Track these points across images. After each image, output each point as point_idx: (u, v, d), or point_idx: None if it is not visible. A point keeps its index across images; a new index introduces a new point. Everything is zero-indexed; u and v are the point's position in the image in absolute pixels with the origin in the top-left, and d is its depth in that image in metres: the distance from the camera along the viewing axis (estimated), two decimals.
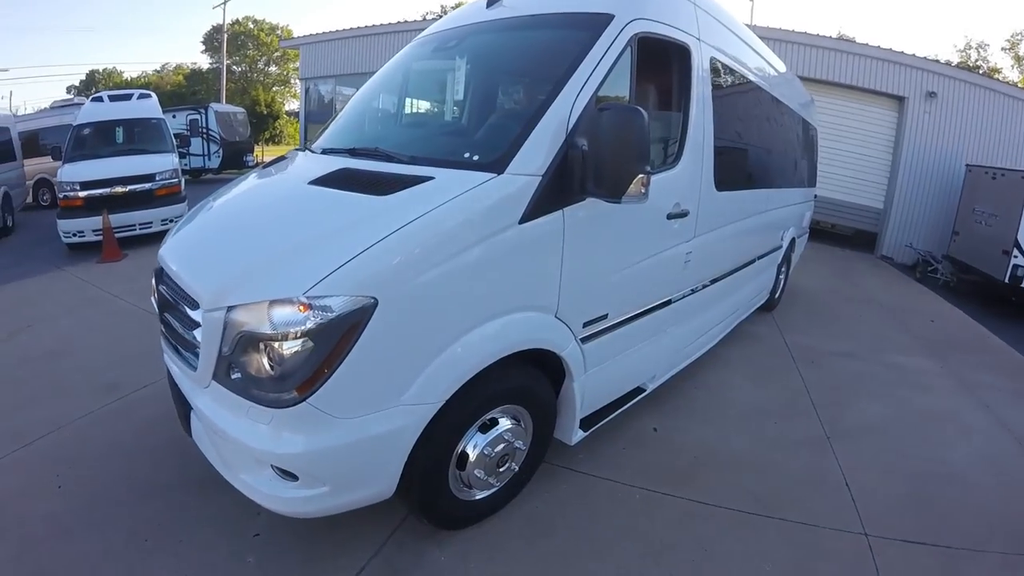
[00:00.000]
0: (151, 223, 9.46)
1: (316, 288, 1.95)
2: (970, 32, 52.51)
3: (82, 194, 9.06)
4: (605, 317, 3.03)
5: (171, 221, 9.41)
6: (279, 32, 53.61)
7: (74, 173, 9.24)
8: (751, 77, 4.67)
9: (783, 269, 7.09)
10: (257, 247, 2.34)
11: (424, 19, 21.52)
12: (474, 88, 3.77)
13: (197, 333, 2.27)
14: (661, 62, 3.32)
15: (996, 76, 28.59)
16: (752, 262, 5.34)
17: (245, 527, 2.81)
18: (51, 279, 7.72)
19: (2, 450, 3.52)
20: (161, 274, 2.73)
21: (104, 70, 61.47)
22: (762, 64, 5.10)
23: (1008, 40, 36.36)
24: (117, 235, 8.87)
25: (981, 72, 29.34)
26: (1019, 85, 26.95)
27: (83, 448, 3.54)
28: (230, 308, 2.08)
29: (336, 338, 1.97)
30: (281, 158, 3.73)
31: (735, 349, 5.64)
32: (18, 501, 3.06)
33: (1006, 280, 10.26)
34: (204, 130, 21.17)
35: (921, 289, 11.23)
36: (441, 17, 4.20)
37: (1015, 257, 10.18)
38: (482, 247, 2.29)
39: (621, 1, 2.93)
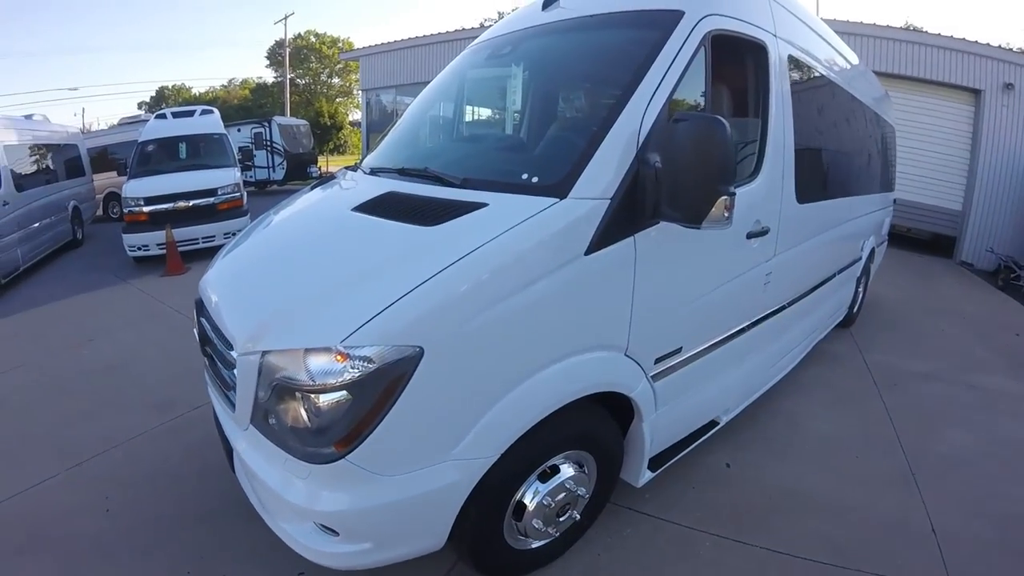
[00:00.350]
0: (214, 236, 9.64)
1: (354, 336, 1.76)
2: None
3: (146, 209, 9.36)
4: (679, 351, 2.75)
5: (234, 235, 9.47)
6: (340, 45, 55.04)
7: (138, 189, 9.55)
8: (829, 74, 4.29)
9: (862, 282, 6.60)
10: (295, 284, 2.17)
11: (482, 25, 21.62)
12: (532, 98, 3.51)
13: (235, 372, 2.13)
14: (736, 63, 3.01)
15: None
16: (831, 277, 4.94)
17: (289, 563, 2.66)
18: (116, 291, 7.96)
19: (58, 467, 3.59)
20: (201, 306, 2.61)
21: (173, 86, 64.92)
22: (838, 59, 4.67)
23: None
24: (180, 249, 9.10)
25: None
26: None
27: (134, 468, 3.56)
28: (265, 352, 1.93)
29: (378, 391, 1.77)
30: (330, 177, 3.58)
31: (812, 371, 5.24)
32: (67, 520, 3.10)
33: None
34: (268, 143, 21.77)
35: (1004, 298, 10.42)
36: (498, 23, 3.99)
37: None
38: (543, 284, 2.03)
39: None
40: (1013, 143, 12.60)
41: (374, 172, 3.15)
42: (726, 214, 2.12)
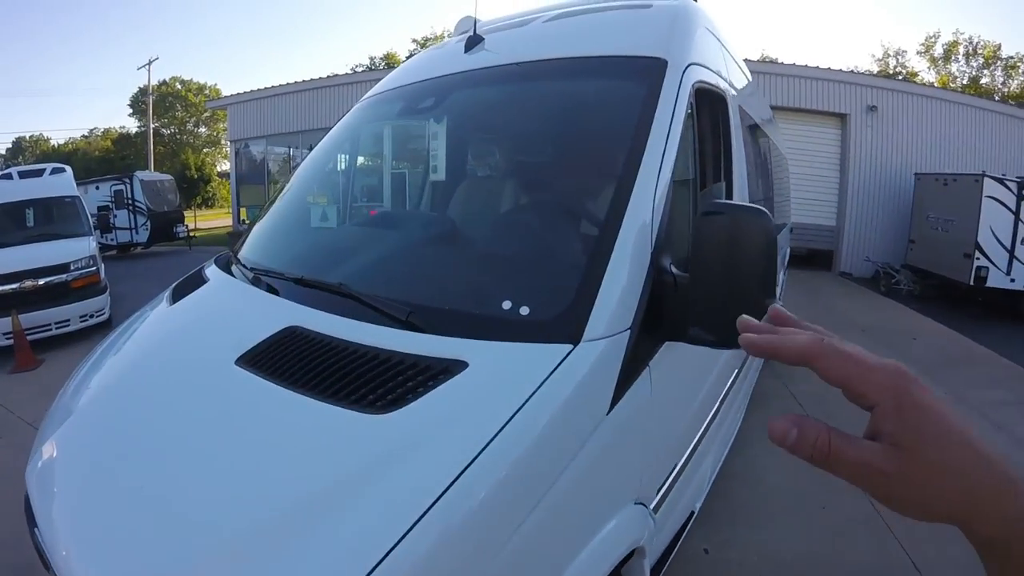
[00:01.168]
0: (68, 321, 8.25)
1: None
2: (886, 40, 55.05)
3: None
4: (674, 469, 2.31)
5: (91, 316, 8.40)
6: (207, 92, 52.33)
7: None
8: (754, 116, 4.08)
9: None
10: (179, 537, 1.23)
11: (353, 71, 20.92)
12: (480, 172, 2.86)
13: None
14: (704, 120, 2.55)
15: (915, 80, 29.90)
16: None
17: None
18: None
19: None
20: (32, 517, 1.59)
21: (31, 137, 60.25)
22: (755, 91, 4.55)
23: (923, 44, 38.21)
24: (30, 337, 7.67)
25: (900, 78, 30.66)
26: (936, 85, 28.13)
27: None
28: None
29: None
30: (196, 278, 2.50)
31: (749, 419, 5.04)
32: None
33: (971, 282, 10.46)
34: (130, 201, 19.51)
35: (890, 303, 11.26)
36: (372, 70, 3.26)
37: (977, 259, 10.36)
38: (565, 479, 1.38)
39: (669, 40, 2.17)
40: (878, 159, 13.92)
41: (258, 276, 2.20)
42: None
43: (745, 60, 4.58)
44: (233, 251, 2.61)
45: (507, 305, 1.64)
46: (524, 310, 1.61)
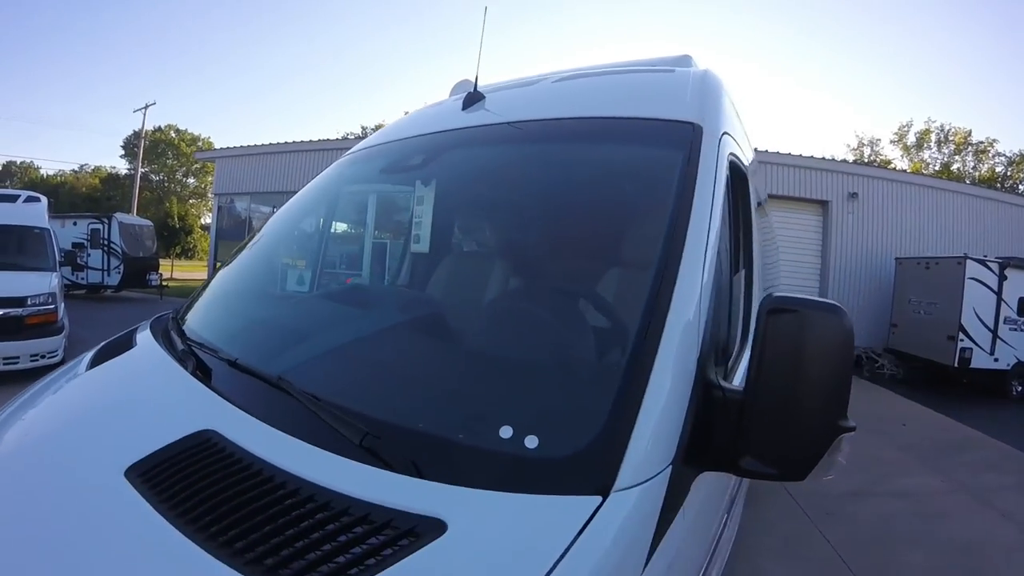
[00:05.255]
0: (18, 359, 7.55)
1: None
2: (860, 129, 58.19)
3: None
4: None
5: (42, 357, 7.72)
6: (200, 144, 52.64)
7: None
8: (760, 197, 3.84)
9: None
10: None
11: (344, 138, 21.05)
12: (483, 252, 2.43)
13: None
14: (734, 198, 2.21)
15: (889, 167, 31.16)
16: None
17: None
18: None
19: None
20: None
21: (22, 163, 60.13)
22: (758, 168, 4.29)
23: (896, 133, 40.30)
24: None
25: (876, 166, 32.00)
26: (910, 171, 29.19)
27: None
28: None
29: None
30: (126, 339, 2.04)
31: (744, 520, 4.67)
32: None
33: (955, 364, 10.47)
34: (106, 242, 18.94)
35: (874, 388, 11.11)
36: (362, 138, 2.80)
37: (961, 341, 10.40)
38: None
39: (702, 105, 1.84)
40: (858, 244, 14.17)
41: (191, 345, 1.74)
42: (840, 456, 1.22)
43: None
44: (176, 313, 2.12)
45: (506, 433, 1.18)
46: (531, 442, 1.16)
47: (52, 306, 8.12)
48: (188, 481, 1.14)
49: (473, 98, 2.27)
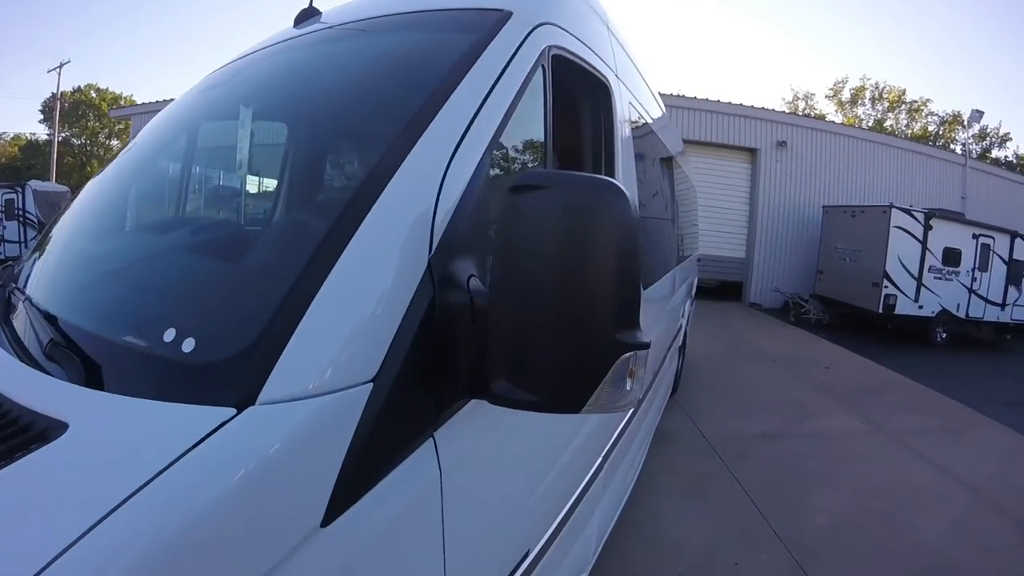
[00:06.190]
0: None
1: None
2: (795, 84, 58.85)
3: None
4: (527, 555, 1.66)
5: None
6: (123, 102, 48.02)
7: None
8: (658, 132, 3.68)
9: (683, 349, 6.12)
10: None
11: None
12: (228, 158, 2.13)
13: None
14: (574, 104, 2.12)
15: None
16: (663, 360, 4.09)
17: None
18: None
19: None
20: None
21: None
22: (658, 110, 4.12)
23: (831, 88, 40.93)
24: None
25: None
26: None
27: None
28: None
29: None
30: None
31: (653, 462, 4.33)
32: None
33: (880, 311, 10.60)
34: (20, 212, 17.51)
35: (800, 332, 11.23)
36: None
37: (885, 287, 10.53)
38: None
39: None
40: (786, 193, 14.22)
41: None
42: (629, 383, 0.99)
43: (660, 94, 4.37)
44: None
45: (170, 336, 0.99)
46: (188, 345, 0.96)
47: None
48: None
49: (307, 14, 2.13)
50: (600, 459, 2.21)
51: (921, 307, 10.73)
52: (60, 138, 33.83)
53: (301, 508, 0.86)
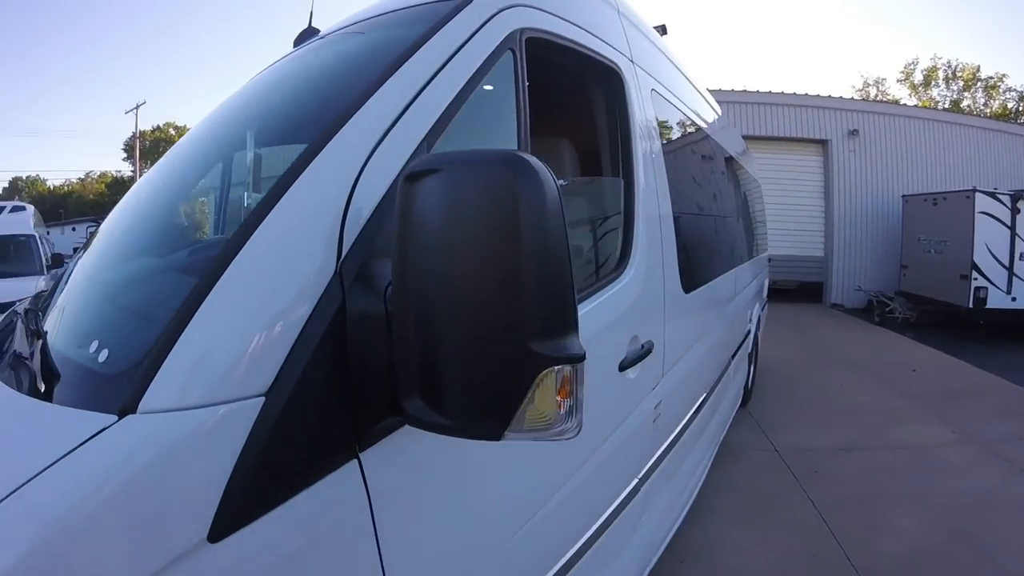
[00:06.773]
0: None
1: None
2: (864, 70, 56.00)
3: None
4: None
5: None
6: None
7: None
8: (699, 122, 3.57)
9: (754, 356, 5.89)
10: None
11: None
12: (177, 190, 2.10)
13: None
14: (572, 91, 2.10)
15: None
16: (727, 368, 4.01)
17: None
18: None
19: None
20: None
21: (28, 177, 60.74)
22: (705, 105, 4.02)
23: (902, 71, 38.57)
24: None
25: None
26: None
27: None
28: None
29: None
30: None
31: (717, 475, 4.15)
32: None
33: (970, 305, 9.86)
34: None
35: (885, 333, 10.63)
36: None
37: (975, 279, 9.81)
38: None
39: None
40: (861, 184, 13.47)
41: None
42: (560, 403, 0.89)
43: (720, 90, 4.33)
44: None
45: (93, 347, 1.06)
46: (103, 355, 1.03)
47: None
48: None
49: (306, 35, 2.21)
50: (635, 482, 2.16)
51: (1015, 299, 9.77)
52: (142, 174, 36.56)
53: (179, 519, 0.84)
